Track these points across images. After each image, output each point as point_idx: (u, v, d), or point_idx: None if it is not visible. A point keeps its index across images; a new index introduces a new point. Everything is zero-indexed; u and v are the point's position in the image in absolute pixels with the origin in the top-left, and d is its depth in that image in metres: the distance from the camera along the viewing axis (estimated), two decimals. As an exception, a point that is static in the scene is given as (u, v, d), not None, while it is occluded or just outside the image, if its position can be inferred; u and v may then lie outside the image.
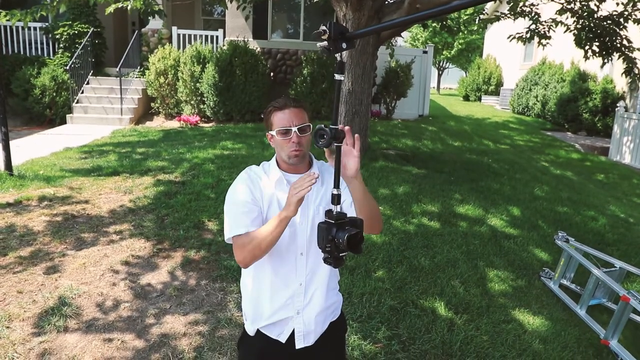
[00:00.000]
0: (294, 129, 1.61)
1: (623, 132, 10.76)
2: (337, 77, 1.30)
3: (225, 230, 1.66)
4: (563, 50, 13.37)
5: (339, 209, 1.36)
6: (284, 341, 1.73)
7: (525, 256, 4.41)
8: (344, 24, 6.15)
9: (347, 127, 1.44)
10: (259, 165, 1.76)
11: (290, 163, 1.66)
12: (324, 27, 1.23)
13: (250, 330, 1.78)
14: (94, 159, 6.71)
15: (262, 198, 1.66)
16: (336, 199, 1.35)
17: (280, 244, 1.63)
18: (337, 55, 1.28)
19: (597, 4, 7.61)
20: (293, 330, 1.73)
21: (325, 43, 1.25)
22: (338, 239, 1.31)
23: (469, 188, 6.01)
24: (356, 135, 1.49)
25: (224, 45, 10.81)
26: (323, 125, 1.35)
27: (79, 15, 11.27)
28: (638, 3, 7.47)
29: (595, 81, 13.28)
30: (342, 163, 1.48)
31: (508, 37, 8.74)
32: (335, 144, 1.35)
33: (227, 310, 3.26)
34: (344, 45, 1.25)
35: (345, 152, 1.48)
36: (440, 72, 30.32)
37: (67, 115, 10.22)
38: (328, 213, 1.36)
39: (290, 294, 1.71)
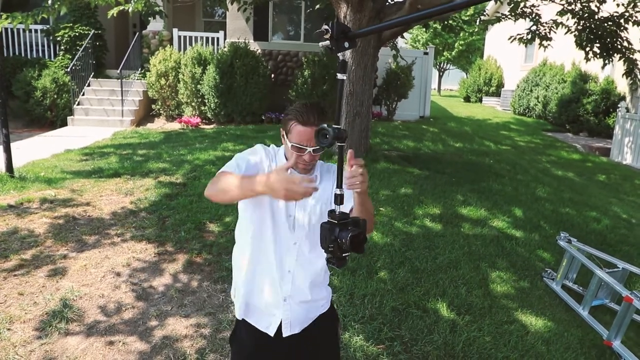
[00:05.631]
0: (310, 149, 1.63)
1: (624, 133, 10.75)
2: (340, 76, 1.29)
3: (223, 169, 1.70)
4: (564, 52, 13.36)
5: (341, 209, 1.35)
6: (272, 334, 1.77)
7: (528, 257, 4.40)
8: (345, 25, 6.14)
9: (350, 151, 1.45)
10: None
11: (296, 171, 1.70)
12: (326, 27, 1.23)
13: (237, 314, 1.81)
14: (95, 161, 6.71)
15: (266, 165, 1.72)
16: (339, 199, 1.34)
17: (279, 232, 1.71)
18: (340, 55, 1.28)
19: (598, 5, 7.60)
20: (280, 323, 1.77)
21: (327, 42, 1.25)
22: (341, 239, 1.31)
23: (471, 189, 5.99)
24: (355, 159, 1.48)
25: (224, 47, 10.81)
26: (326, 125, 1.34)
27: (80, 17, 11.29)
28: (638, 4, 7.46)
29: (596, 82, 13.26)
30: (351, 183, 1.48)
31: (509, 39, 8.74)
32: (338, 144, 1.34)
33: (229, 311, 3.25)
34: (346, 45, 1.25)
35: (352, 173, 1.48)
36: (441, 74, 30.31)
37: (68, 117, 10.22)
38: (331, 213, 1.35)
39: (279, 278, 1.75)
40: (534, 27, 8.42)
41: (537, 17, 8.35)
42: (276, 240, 1.72)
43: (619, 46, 7.85)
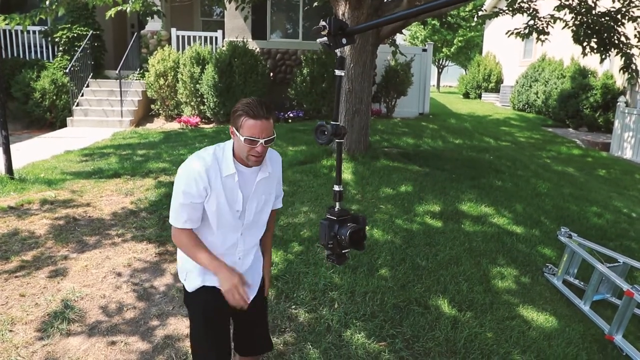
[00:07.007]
0: (261, 141, 1.72)
1: (624, 128, 10.74)
2: (338, 72, 1.29)
3: (170, 214, 1.86)
4: (562, 47, 13.35)
5: (339, 206, 1.35)
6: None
7: (528, 253, 4.39)
8: (343, 23, 6.12)
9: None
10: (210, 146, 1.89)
11: (249, 164, 1.82)
12: (323, 23, 1.23)
13: (194, 286, 1.94)
14: (95, 162, 6.71)
15: (208, 187, 1.78)
16: (338, 196, 1.34)
17: (225, 224, 1.87)
18: (338, 51, 1.27)
19: (595, 0, 7.59)
20: None
21: (325, 39, 1.24)
22: (340, 235, 1.30)
23: (471, 185, 5.99)
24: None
25: (223, 46, 10.80)
26: (324, 122, 1.33)
27: (78, 18, 11.27)
28: (635, 1, 7.46)
29: (596, 77, 13.24)
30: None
31: (506, 33, 8.72)
32: (337, 140, 1.34)
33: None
34: (344, 41, 1.25)
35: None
36: (440, 70, 30.26)
37: (68, 119, 10.22)
38: (330, 210, 1.35)
39: (230, 264, 1.90)
40: (532, 22, 8.41)
41: (534, 12, 8.34)
42: (226, 233, 1.89)
43: (616, 41, 7.84)
